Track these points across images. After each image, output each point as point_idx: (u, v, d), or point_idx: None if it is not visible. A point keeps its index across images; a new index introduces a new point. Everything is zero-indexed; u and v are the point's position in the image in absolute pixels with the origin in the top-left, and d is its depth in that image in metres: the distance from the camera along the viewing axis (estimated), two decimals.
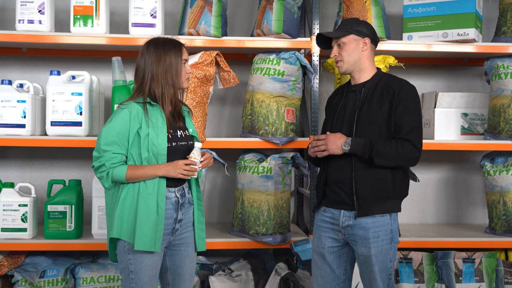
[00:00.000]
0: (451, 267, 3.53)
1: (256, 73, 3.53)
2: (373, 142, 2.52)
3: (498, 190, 3.65)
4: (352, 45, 2.64)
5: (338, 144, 2.55)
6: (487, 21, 4.15)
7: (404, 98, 2.57)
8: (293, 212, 4.08)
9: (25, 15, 3.38)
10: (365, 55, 2.66)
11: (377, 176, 2.57)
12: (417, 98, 2.62)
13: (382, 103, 2.58)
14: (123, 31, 3.81)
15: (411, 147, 2.53)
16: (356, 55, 2.65)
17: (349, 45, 2.64)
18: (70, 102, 3.34)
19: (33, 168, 3.92)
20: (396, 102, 2.56)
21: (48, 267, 3.45)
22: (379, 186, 2.57)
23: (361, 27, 2.66)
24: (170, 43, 2.53)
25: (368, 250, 2.57)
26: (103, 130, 2.47)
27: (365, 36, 2.65)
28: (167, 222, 2.51)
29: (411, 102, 2.58)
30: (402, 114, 2.55)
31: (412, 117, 2.57)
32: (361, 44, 2.65)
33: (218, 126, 4.09)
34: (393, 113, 2.56)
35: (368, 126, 2.58)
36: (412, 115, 2.57)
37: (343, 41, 2.65)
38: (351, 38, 2.64)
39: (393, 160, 2.54)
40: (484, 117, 3.79)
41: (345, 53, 2.65)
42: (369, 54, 2.67)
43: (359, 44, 2.65)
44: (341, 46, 2.66)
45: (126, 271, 2.49)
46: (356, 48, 2.64)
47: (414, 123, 2.57)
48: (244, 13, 4.07)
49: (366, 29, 2.67)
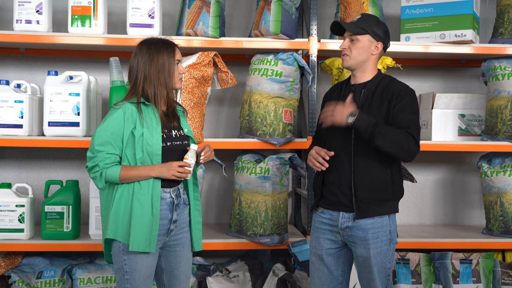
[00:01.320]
0: (449, 268, 3.54)
1: (254, 73, 3.53)
2: (378, 121, 2.48)
3: (495, 191, 3.66)
4: (365, 45, 2.61)
5: (343, 115, 2.49)
6: (484, 23, 4.15)
7: (403, 99, 2.56)
8: (290, 213, 4.08)
9: (22, 15, 3.38)
10: (373, 58, 2.64)
11: (376, 178, 2.57)
12: (415, 100, 2.62)
13: (381, 105, 2.57)
14: (121, 31, 3.81)
15: (411, 139, 2.51)
16: (365, 55, 2.62)
17: (362, 44, 2.61)
18: (68, 102, 3.33)
19: (30, 168, 3.91)
20: (394, 103, 2.56)
21: (45, 267, 3.45)
22: (378, 189, 2.57)
23: (379, 30, 2.63)
24: (163, 43, 2.53)
25: (367, 251, 2.57)
26: (97, 131, 2.47)
27: (379, 40, 2.62)
28: (162, 223, 2.50)
29: (409, 103, 2.57)
30: (400, 113, 2.54)
31: (411, 117, 2.56)
32: (373, 46, 2.62)
33: (216, 127, 4.09)
34: (391, 113, 2.55)
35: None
36: (410, 114, 2.57)
37: (357, 38, 2.61)
38: (366, 38, 2.61)
39: (392, 145, 2.48)
40: (481, 118, 3.79)
41: (356, 50, 2.61)
42: (376, 58, 2.66)
43: (371, 46, 2.62)
44: (353, 42, 2.62)
45: (121, 272, 2.49)
46: (367, 49, 2.62)
47: (413, 121, 2.56)
48: (242, 14, 4.07)
49: (383, 33, 2.64)
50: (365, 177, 2.56)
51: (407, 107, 2.56)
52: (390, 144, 2.47)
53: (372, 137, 2.47)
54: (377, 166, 2.57)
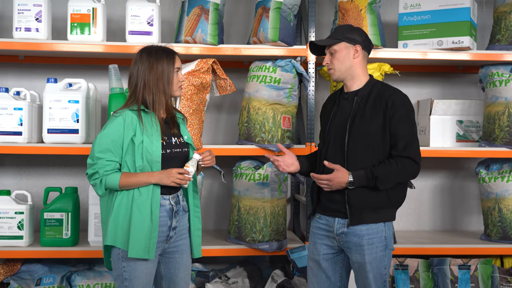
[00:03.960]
0: (447, 274, 3.54)
1: (252, 80, 3.55)
2: (373, 170, 2.51)
3: (494, 197, 3.67)
4: (343, 53, 2.63)
5: (342, 185, 2.54)
6: (481, 29, 4.17)
7: (398, 109, 2.56)
8: (289, 219, 4.08)
9: (22, 23, 3.40)
10: (357, 63, 2.65)
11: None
12: (410, 107, 2.62)
13: (375, 113, 2.58)
14: (120, 39, 3.82)
15: (410, 163, 2.55)
16: (348, 62, 2.64)
17: (340, 53, 2.63)
18: (67, 109, 3.34)
19: (30, 175, 3.92)
20: (390, 113, 2.56)
21: (44, 274, 3.45)
22: (371, 196, 2.57)
23: (353, 34, 2.65)
24: (163, 51, 2.54)
25: (362, 257, 2.57)
26: (97, 138, 2.48)
27: (356, 43, 2.63)
28: (161, 230, 2.51)
29: (405, 112, 2.58)
30: (397, 127, 2.55)
31: (408, 129, 2.56)
32: (352, 51, 2.64)
33: (214, 134, 4.10)
34: (387, 125, 2.56)
35: (360, 135, 2.57)
36: (407, 126, 2.57)
37: (334, 49, 2.64)
38: (342, 46, 2.63)
39: (396, 180, 2.56)
40: (479, 124, 3.81)
41: (336, 61, 2.64)
42: (361, 62, 2.66)
43: (350, 52, 2.63)
44: (333, 54, 2.65)
45: (120, 279, 2.49)
46: (347, 55, 2.63)
47: (410, 135, 2.57)
48: (241, 21, 4.09)
49: (358, 36, 2.65)
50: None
51: (403, 119, 2.56)
52: (393, 180, 2.56)
53: (376, 186, 2.53)
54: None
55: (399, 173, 2.54)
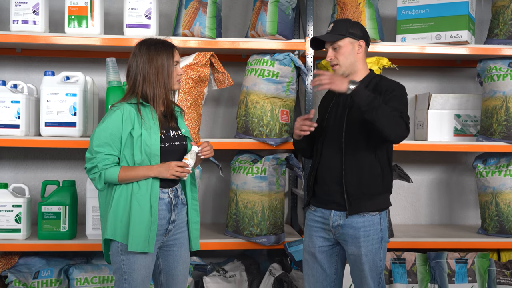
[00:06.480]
0: (444, 268, 3.55)
1: (250, 74, 3.54)
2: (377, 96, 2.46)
3: (491, 191, 3.68)
4: (348, 48, 2.65)
5: (344, 82, 2.46)
6: (480, 23, 4.17)
7: (392, 92, 2.59)
8: (287, 212, 4.09)
9: (19, 16, 3.38)
10: (360, 58, 2.68)
11: (366, 172, 2.59)
12: (404, 94, 2.63)
13: None
14: (117, 31, 3.81)
15: (402, 122, 2.50)
16: (352, 58, 2.66)
17: (345, 48, 2.64)
18: (64, 102, 3.33)
19: (27, 168, 3.91)
20: (385, 95, 2.57)
21: (42, 267, 3.45)
22: (368, 183, 2.59)
23: (355, 29, 2.66)
24: (162, 44, 2.54)
25: (358, 250, 2.59)
26: (96, 132, 2.47)
27: (359, 38, 2.66)
28: (160, 223, 2.51)
29: (398, 95, 2.59)
30: (389, 103, 2.53)
31: (400, 106, 2.56)
32: (357, 46, 2.66)
33: (212, 127, 4.09)
34: None
35: (357, 126, 2.59)
36: (400, 104, 2.57)
37: (339, 44, 2.65)
38: (346, 42, 2.65)
39: (388, 121, 2.43)
40: (477, 119, 3.81)
41: (342, 56, 2.65)
42: (363, 56, 2.70)
43: (354, 47, 2.66)
44: (336, 50, 2.66)
45: (119, 272, 2.49)
46: (352, 51, 2.65)
47: (402, 109, 2.55)
48: (239, 15, 4.08)
49: (360, 31, 2.68)
50: (355, 173, 2.59)
51: (396, 99, 2.57)
52: (385, 120, 2.43)
53: (371, 108, 2.42)
54: (367, 161, 2.60)
55: (392, 119, 2.45)
